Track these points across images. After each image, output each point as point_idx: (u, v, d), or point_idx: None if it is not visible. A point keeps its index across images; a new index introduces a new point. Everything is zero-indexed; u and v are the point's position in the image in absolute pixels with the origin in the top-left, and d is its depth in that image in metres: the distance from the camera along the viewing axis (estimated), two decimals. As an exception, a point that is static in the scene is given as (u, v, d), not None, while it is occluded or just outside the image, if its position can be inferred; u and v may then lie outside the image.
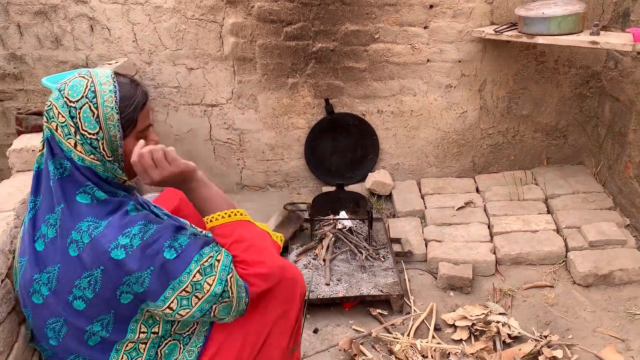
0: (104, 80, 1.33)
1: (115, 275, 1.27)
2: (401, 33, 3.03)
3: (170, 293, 1.30)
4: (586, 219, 2.74)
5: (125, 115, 1.33)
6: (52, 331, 1.37)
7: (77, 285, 1.30)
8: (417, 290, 2.50)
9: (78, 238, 1.29)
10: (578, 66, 3.11)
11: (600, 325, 2.24)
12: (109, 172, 1.35)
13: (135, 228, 1.30)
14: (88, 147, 1.31)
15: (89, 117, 1.30)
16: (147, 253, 1.28)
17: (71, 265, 1.29)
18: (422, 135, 3.29)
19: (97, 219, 1.30)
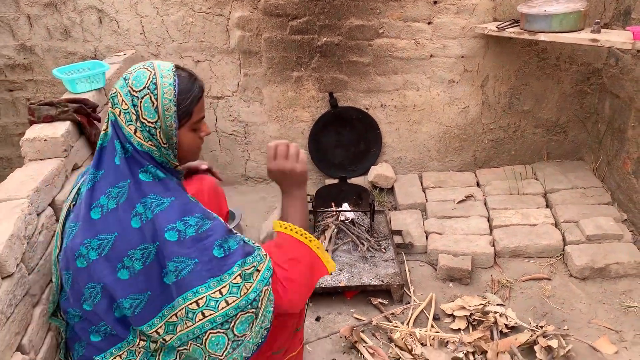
0: (166, 74, 1.40)
1: (163, 255, 1.36)
2: (405, 28, 3.07)
3: (204, 290, 1.35)
4: (584, 213, 2.79)
5: (182, 107, 1.42)
6: (88, 295, 1.44)
7: (130, 255, 1.37)
8: (417, 280, 2.56)
9: (142, 211, 1.38)
10: (579, 63, 3.15)
11: (595, 317, 2.29)
12: (164, 157, 1.45)
13: (193, 219, 1.38)
14: (146, 134, 1.41)
15: (149, 107, 1.39)
16: (197, 246, 1.36)
17: (130, 235, 1.38)
18: (424, 130, 3.34)
19: (160, 196, 1.40)
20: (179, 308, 1.37)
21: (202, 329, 1.37)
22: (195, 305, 1.35)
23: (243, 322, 1.38)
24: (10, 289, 1.51)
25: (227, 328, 1.36)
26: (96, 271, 1.41)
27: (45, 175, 1.85)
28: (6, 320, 1.48)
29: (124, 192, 1.41)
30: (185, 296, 1.36)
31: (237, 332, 1.38)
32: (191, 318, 1.37)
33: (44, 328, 1.70)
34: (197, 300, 1.35)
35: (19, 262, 1.58)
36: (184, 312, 1.37)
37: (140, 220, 1.37)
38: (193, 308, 1.36)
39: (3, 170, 3.40)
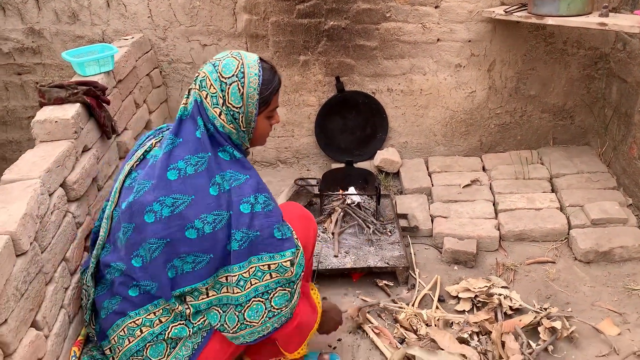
0: (252, 64, 1.57)
1: (233, 223, 1.53)
2: (412, 12, 3.06)
3: (255, 260, 1.54)
4: (589, 198, 2.80)
5: (263, 96, 1.59)
6: (146, 250, 1.55)
7: (202, 218, 1.52)
8: (422, 263, 2.59)
9: (220, 182, 1.55)
10: (587, 47, 3.13)
11: (599, 300, 2.31)
12: (239, 140, 1.62)
13: (262, 196, 1.56)
14: (230, 117, 1.56)
15: (235, 93, 1.54)
16: (262, 222, 1.54)
17: (207, 200, 1.53)
18: (430, 114, 3.34)
19: (238, 172, 1.57)
20: (233, 274, 1.54)
21: (247, 296, 1.55)
22: (247, 274, 1.54)
23: (280, 297, 1.56)
24: (25, 267, 1.55)
25: (266, 298, 1.55)
26: (163, 227, 1.53)
27: (56, 156, 1.87)
28: (21, 297, 1.52)
29: (204, 162, 1.55)
30: (242, 265, 1.53)
31: (274, 304, 1.57)
32: (242, 286, 1.54)
33: (57, 305, 1.75)
34: (249, 269, 1.53)
35: (33, 240, 1.61)
36: (235, 279, 1.54)
37: (218, 189, 1.54)
38: (245, 276, 1.54)
39: (12, 154, 3.43)
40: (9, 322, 1.44)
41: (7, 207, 1.59)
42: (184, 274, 1.56)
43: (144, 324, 1.60)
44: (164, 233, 1.53)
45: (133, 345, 1.62)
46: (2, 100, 3.32)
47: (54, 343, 1.67)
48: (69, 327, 1.81)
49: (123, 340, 1.62)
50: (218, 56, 1.62)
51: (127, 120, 2.66)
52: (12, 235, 1.49)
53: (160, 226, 1.53)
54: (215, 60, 1.60)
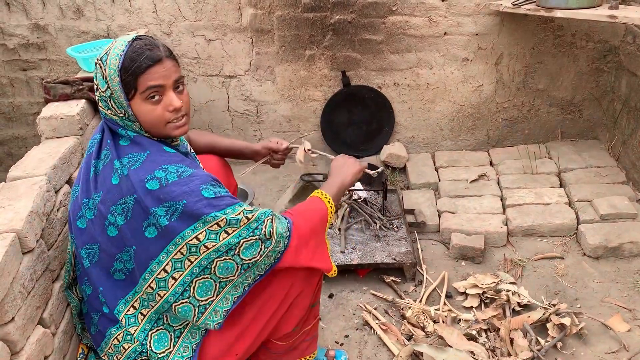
0: (119, 45, 1.43)
1: (145, 206, 1.38)
2: (419, 5, 3.03)
3: (201, 225, 1.38)
4: (598, 192, 2.77)
5: (125, 77, 1.40)
6: (88, 255, 1.52)
7: (112, 211, 1.43)
8: (429, 259, 2.57)
9: (119, 167, 1.43)
10: (596, 40, 3.10)
11: (608, 296, 2.29)
12: (129, 129, 1.47)
13: (172, 167, 1.41)
14: (104, 103, 1.47)
15: (99, 76, 1.45)
16: (183, 189, 1.37)
17: (112, 192, 1.43)
18: (437, 109, 3.32)
19: (136, 153, 1.44)
20: (180, 245, 1.40)
21: (208, 258, 1.41)
22: (196, 240, 1.39)
23: (248, 247, 1.42)
24: (31, 264, 1.54)
25: (232, 255, 1.41)
26: (92, 230, 1.49)
27: (62, 153, 1.87)
28: (27, 295, 1.51)
29: (109, 154, 1.47)
30: (184, 234, 1.39)
31: (243, 257, 1.42)
32: (195, 252, 1.41)
33: (64, 303, 1.74)
34: (197, 236, 1.39)
35: (39, 237, 1.61)
36: (186, 249, 1.41)
37: (118, 177, 1.43)
38: (195, 243, 1.39)
39: (18, 150, 3.44)
40: (15, 320, 1.43)
41: (13, 204, 1.59)
42: (132, 272, 1.48)
43: (124, 340, 1.53)
44: (93, 236, 1.48)
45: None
46: (7, 97, 3.32)
47: (61, 341, 1.67)
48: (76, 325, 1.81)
49: (112, 357, 1.57)
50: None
51: (132, 116, 2.64)
52: (19, 233, 1.49)
53: (89, 230, 1.50)
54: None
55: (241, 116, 3.37)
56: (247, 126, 3.39)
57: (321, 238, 1.63)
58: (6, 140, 3.46)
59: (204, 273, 1.44)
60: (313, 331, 1.84)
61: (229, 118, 3.38)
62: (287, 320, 1.65)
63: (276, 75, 3.23)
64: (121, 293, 1.51)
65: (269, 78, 3.24)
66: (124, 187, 1.41)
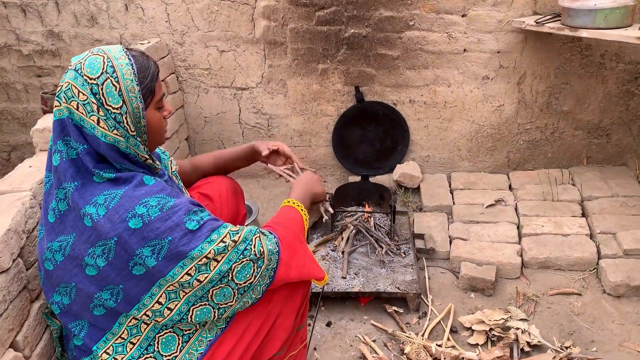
0: (118, 55, 1.35)
1: (129, 246, 1.30)
2: (437, 21, 2.91)
3: (189, 262, 1.33)
4: (623, 225, 2.59)
5: (144, 85, 1.37)
6: (63, 295, 1.44)
7: (90, 253, 1.34)
8: (436, 289, 2.44)
9: (93, 211, 1.31)
10: (627, 61, 2.92)
11: (628, 339, 2.12)
12: (131, 149, 1.38)
13: (152, 199, 1.32)
14: (112, 122, 1.33)
15: (112, 91, 1.32)
16: (166, 224, 1.31)
17: (85, 234, 1.34)
18: (455, 128, 3.18)
19: (113, 190, 1.34)
20: (172, 282, 1.35)
21: (203, 289, 1.38)
22: (188, 276, 1.34)
23: (241, 270, 1.38)
24: (5, 285, 1.48)
25: (227, 281, 1.38)
26: (63, 272, 1.40)
27: (50, 167, 1.82)
28: (-2, 317, 1.45)
29: (69, 193, 1.36)
30: (173, 273, 1.33)
31: (238, 281, 1.39)
32: (187, 286, 1.36)
33: (42, 324, 1.68)
34: (188, 272, 1.34)
35: (16, 257, 1.55)
36: (178, 285, 1.36)
37: (91, 220, 1.32)
38: (186, 279, 1.34)
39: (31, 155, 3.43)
40: (-19, 344, 1.37)
41: (-10, 221, 1.53)
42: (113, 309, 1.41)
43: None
44: (66, 277, 1.40)
45: None
46: (22, 102, 3.33)
47: (35, 364, 1.60)
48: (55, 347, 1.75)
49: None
50: (77, 59, 1.37)
51: (137, 127, 2.59)
52: (-9, 253, 1.43)
53: (59, 272, 1.41)
54: (77, 63, 1.34)
55: (252, 129, 3.29)
56: (258, 139, 3.31)
57: (305, 247, 1.59)
58: (20, 145, 3.47)
59: (201, 301, 1.40)
60: (300, 357, 1.75)
61: (239, 130, 3.31)
62: (270, 342, 1.58)
63: (288, 88, 3.15)
64: (106, 325, 1.44)
65: (280, 91, 3.16)
66: (102, 229, 1.31)
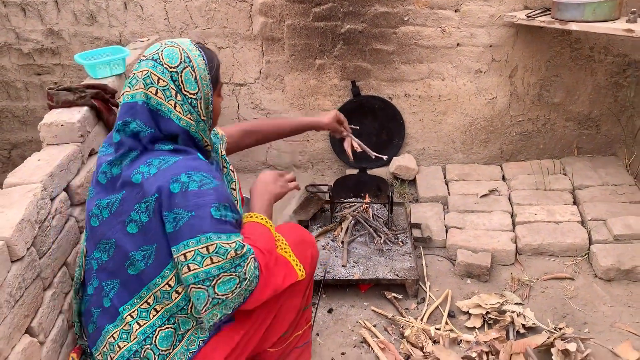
0: (190, 47, 1.53)
1: (163, 206, 1.41)
2: (431, 16, 2.98)
3: (194, 243, 1.40)
4: (613, 211, 2.67)
5: (212, 74, 1.55)
6: (103, 252, 1.54)
7: (136, 209, 1.45)
8: (433, 276, 2.51)
9: (145, 170, 1.45)
10: (615, 54, 3.00)
11: (618, 321, 2.20)
12: (199, 134, 1.55)
13: (197, 174, 1.44)
14: (187, 107, 1.50)
15: (189, 79, 1.50)
16: (196, 201, 1.41)
17: (134, 191, 1.46)
18: (449, 121, 3.25)
19: (169, 156, 1.48)
20: (176, 255, 1.43)
21: (186, 281, 1.43)
22: (183, 258, 1.41)
23: (225, 282, 1.42)
24: (20, 273, 1.54)
25: (207, 285, 1.41)
26: (108, 228, 1.51)
27: (60, 160, 1.87)
28: (15, 303, 1.50)
29: (130, 159, 1.50)
30: (178, 247, 1.42)
31: (217, 291, 1.42)
32: (180, 269, 1.43)
33: (55, 311, 1.74)
34: (185, 253, 1.41)
35: (30, 246, 1.60)
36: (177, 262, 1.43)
37: (142, 177, 1.44)
38: (182, 260, 1.42)
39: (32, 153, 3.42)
40: (1, 329, 1.43)
41: (5, 211, 1.58)
42: (143, 272, 1.50)
43: (120, 338, 1.53)
44: (110, 233, 1.51)
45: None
46: (22, 100, 3.37)
47: (49, 350, 1.66)
48: (68, 333, 1.80)
49: (106, 357, 1.57)
50: (150, 51, 1.53)
51: (139, 122, 2.64)
52: (7, 241, 1.48)
53: (103, 228, 1.53)
54: (152, 54, 1.51)
55: (251, 124, 3.35)
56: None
57: (278, 258, 1.62)
58: (20, 143, 3.50)
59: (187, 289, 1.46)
60: (305, 337, 1.84)
61: (238, 126, 3.36)
62: (279, 321, 1.65)
63: (286, 84, 3.21)
64: (135, 288, 1.53)
65: (278, 86, 3.22)
66: (149, 186, 1.43)
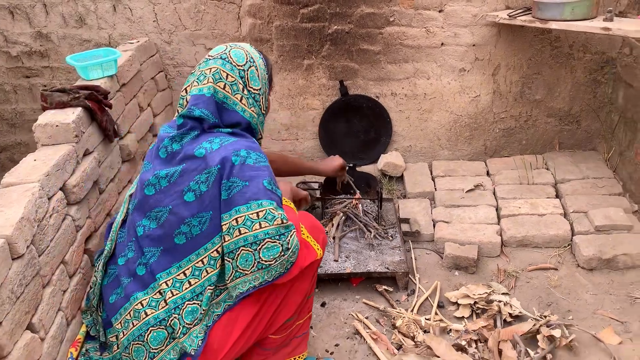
0: (252, 50, 1.78)
1: (223, 174, 1.57)
2: (416, 16, 3.05)
3: (244, 209, 1.54)
4: (594, 204, 2.76)
5: (269, 74, 1.84)
6: (152, 220, 1.66)
7: (196, 179, 1.61)
8: (422, 269, 2.58)
9: (208, 146, 1.62)
10: (593, 52, 3.10)
11: (601, 308, 2.29)
12: (258, 126, 1.79)
13: (254, 154, 1.62)
14: (252, 101, 1.73)
15: (254, 76, 1.74)
16: (251, 173, 1.58)
17: (195, 164, 1.62)
18: (434, 118, 3.33)
19: (229, 137, 1.65)
20: (224, 222, 1.56)
21: (236, 244, 1.55)
22: (235, 222, 1.55)
23: (270, 248, 1.53)
24: (21, 270, 1.57)
25: (254, 249, 1.53)
26: (163, 197, 1.64)
27: (56, 160, 1.90)
28: (16, 300, 1.54)
29: (191, 137, 1.67)
30: (230, 213, 1.55)
31: (262, 256, 1.53)
32: (231, 233, 1.55)
33: (54, 308, 1.77)
34: (237, 218, 1.54)
35: (29, 244, 1.63)
36: (226, 227, 1.56)
37: (205, 151, 1.61)
38: (233, 224, 1.55)
39: (21, 156, 3.40)
40: (3, 324, 1.46)
41: (4, 210, 1.61)
42: (194, 238, 1.61)
43: (149, 305, 1.62)
44: (165, 202, 1.63)
45: (136, 329, 1.63)
46: (10, 103, 3.37)
47: (50, 345, 1.69)
48: (67, 330, 1.83)
49: (128, 324, 1.65)
50: (217, 51, 1.74)
51: (130, 123, 2.68)
52: (8, 239, 1.52)
53: (158, 197, 1.65)
54: (220, 54, 1.72)
55: (240, 124, 3.39)
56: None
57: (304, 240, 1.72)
58: (9, 146, 3.50)
59: (228, 256, 1.58)
60: (305, 327, 1.90)
61: (228, 126, 3.40)
62: (287, 305, 1.72)
63: (275, 84, 3.26)
64: (177, 257, 1.63)
65: (267, 87, 3.27)
66: (212, 158, 1.59)
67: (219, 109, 1.69)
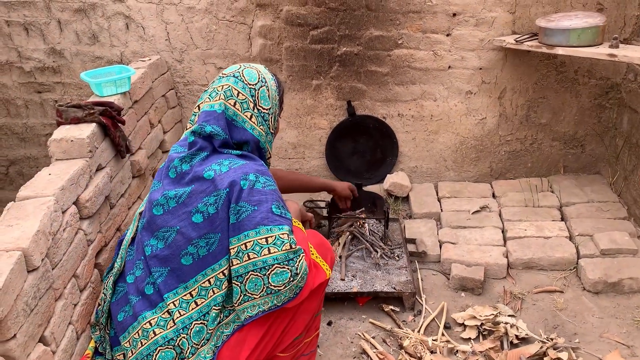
0: (265, 71, 1.83)
1: (232, 198, 1.59)
2: (424, 39, 3.11)
3: (253, 234, 1.55)
4: (599, 227, 2.78)
5: (280, 96, 1.88)
6: (160, 240, 1.67)
7: (204, 201, 1.63)
8: (429, 289, 2.58)
9: (217, 168, 1.65)
10: (598, 77, 3.15)
11: (607, 331, 2.29)
12: (266, 145, 1.81)
13: (263, 177, 1.64)
14: (260, 119, 1.77)
15: (265, 95, 1.78)
16: (259, 197, 1.60)
17: (204, 186, 1.64)
18: (441, 140, 3.36)
19: (237, 160, 1.68)
20: (232, 246, 1.58)
21: (246, 268, 1.57)
22: (244, 247, 1.56)
23: (279, 274, 1.54)
24: (35, 282, 1.58)
25: (263, 274, 1.55)
26: (171, 217, 1.66)
27: (70, 174, 1.92)
28: (30, 312, 1.55)
29: (200, 158, 1.70)
30: (239, 237, 1.57)
31: (271, 281, 1.55)
32: (240, 257, 1.56)
33: (66, 321, 1.78)
34: (246, 243, 1.56)
35: (44, 257, 1.65)
36: (234, 252, 1.57)
37: (214, 173, 1.64)
38: (242, 249, 1.56)
39: (30, 170, 3.51)
40: (17, 337, 1.47)
41: (20, 223, 1.64)
42: (201, 259, 1.62)
43: (157, 325, 1.63)
44: (172, 222, 1.65)
45: (145, 348, 1.65)
46: (21, 117, 3.41)
47: (61, 359, 1.70)
48: (77, 343, 1.84)
49: (136, 343, 1.66)
50: (230, 70, 1.80)
51: (141, 139, 2.71)
52: (25, 252, 1.54)
53: (166, 217, 1.67)
54: (232, 72, 1.78)
55: (248, 142, 3.43)
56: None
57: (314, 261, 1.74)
58: (18, 160, 3.53)
59: (236, 280, 1.58)
60: (312, 345, 1.90)
61: (235, 144, 3.43)
62: (295, 323, 1.72)
63: (283, 103, 3.29)
64: (183, 277, 1.64)
65: (276, 106, 3.31)
66: (221, 180, 1.61)
67: (229, 125, 1.73)
